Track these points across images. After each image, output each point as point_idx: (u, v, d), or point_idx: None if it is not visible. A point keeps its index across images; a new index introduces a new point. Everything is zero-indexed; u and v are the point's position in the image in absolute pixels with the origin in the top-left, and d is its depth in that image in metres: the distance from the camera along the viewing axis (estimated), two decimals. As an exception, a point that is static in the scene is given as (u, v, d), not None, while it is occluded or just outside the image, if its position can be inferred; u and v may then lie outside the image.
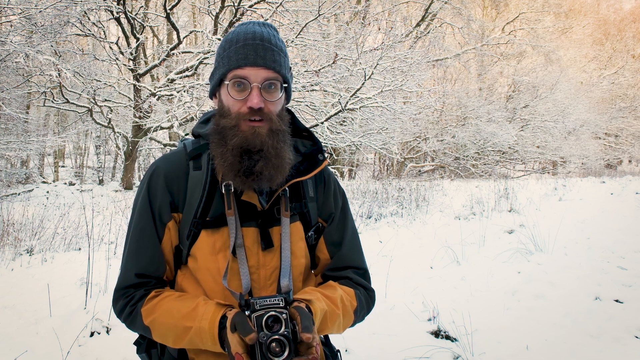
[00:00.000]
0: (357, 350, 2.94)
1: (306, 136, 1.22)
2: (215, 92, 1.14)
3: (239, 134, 1.03)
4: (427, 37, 18.06)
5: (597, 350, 2.98)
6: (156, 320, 1.03)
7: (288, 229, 1.11)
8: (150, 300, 1.07)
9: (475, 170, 20.95)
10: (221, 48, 1.10)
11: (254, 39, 1.05)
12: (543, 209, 9.15)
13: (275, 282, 1.09)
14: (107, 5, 10.90)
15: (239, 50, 1.05)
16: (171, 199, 1.10)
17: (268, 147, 1.04)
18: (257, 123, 1.04)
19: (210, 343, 0.96)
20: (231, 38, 1.09)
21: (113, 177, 19.97)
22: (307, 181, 1.20)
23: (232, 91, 1.05)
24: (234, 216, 1.06)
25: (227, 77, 1.06)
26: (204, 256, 1.07)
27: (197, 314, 0.99)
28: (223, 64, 1.08)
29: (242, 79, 1.04)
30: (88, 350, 2.89)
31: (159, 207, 1.10)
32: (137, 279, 1.08)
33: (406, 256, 5.59)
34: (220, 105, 1.10)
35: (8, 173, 14.81)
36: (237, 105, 1.05)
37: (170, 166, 1.12)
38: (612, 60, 30.61)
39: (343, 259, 1.21)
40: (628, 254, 5.23)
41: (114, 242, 5.99)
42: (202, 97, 11.08)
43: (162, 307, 1.04)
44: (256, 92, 1.03)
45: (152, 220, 1.10)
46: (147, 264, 1.09)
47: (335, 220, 1.23)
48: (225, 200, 1.07)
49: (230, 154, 1.04)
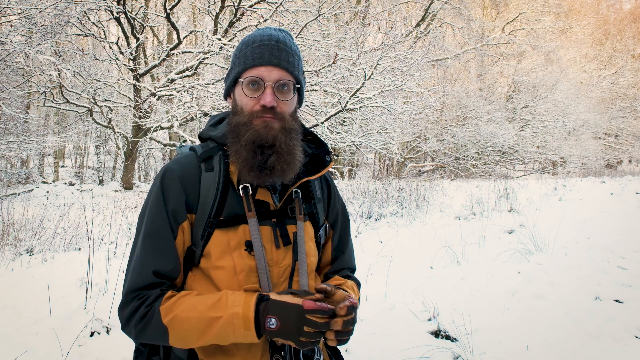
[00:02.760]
0: (357, 350, 2.94)
1: (311, 139, 1.26)
2: (229, 93, 1.18)
3: (252, 128, 1.07)
4: (427, 37, 18.06)
5: (597, 350, 2.98)
6: (178, 316, 1.00)
7: (303, 230, 1.15)
8: (168, 299, 1.05)
9: (475, 170, 20.95)
10: (237, 49, 1.15)
11: (270, 40, 1.10)
12: (543, 209, 9.15)
13: (287, 280, 1.12)
14: (107, 5, 10.89)
15: (255, 50, 1.09)
16: (186, 199, 1.10)
17: (280, 142, 1.07)
18: (270, 118, 1.07)
19: (243, 329, 0.96)
20: (248, 40, 1.13)
21: (113, 177, 19.98)
22: (315, 182, 1.24)
23: (247, 90, 1.09)
24: (254, 217, 1.09)
25: (242, 76, 1.10)
26: (217, 255, 1.08)
27: (226, 303, 0.99)
28: (239, 63, 1.12)
29: (257, 78, 1.07)
30: (88, 350, 2.89)
31: (173, 208, 1.09)
32: (155, 279, 1.05)
33: (406, 256, 5.59)
34: (234, 105, 1.14)
35: (8, 173, 14.82)
36: (250, 104, 1.09)
37: (183, 168, 1.13)
38: (612, 60, 30.61)
39: (343, 262, 1.31)
40: (628, 254, 5.23)
41: (114, 242, 5.99)
42: (202, 97, 11.08)
43: (183, 303, 1.02)
44: (269, 91, 1.07)
45: (167, 220, 1.09)
46: (166, 263, 1.07)
47: (341, 225, 1.31)
48: (244, 202, 1.10)
49: (244, 149, 1.07)
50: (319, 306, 0.95)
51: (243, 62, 1.10)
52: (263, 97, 1.07)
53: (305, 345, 0.95)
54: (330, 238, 1.29)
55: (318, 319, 0.95)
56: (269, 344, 1.07)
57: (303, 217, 1.17)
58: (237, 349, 1.06)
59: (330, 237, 1.29)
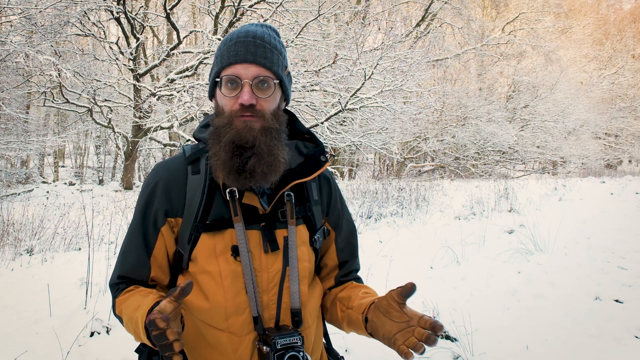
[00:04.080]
0: (358, 350, 2.94)
1: (308, 138, 1.21)
2: (213, 94, 1.14)
3: (232, 129, 1.03)
4: (427, 37, 18.04)
5: (597, 350, 2.98)
6: (122, 311, 1.07)
7: (294, 235, 1.11)
8: (125, 292, 1.10)
9: (475, 170, 20.95)
10: (217, 49, 1.12)
11: (247, 36, 1.06)
12: (543, 209, 9.15)
13: (276, 286, 1.09)
14: (107, 5, 10.89)
15: (230, 48, 1.06)
16: (168, 204, 1.10)
17: (260, 143, 1.03)
18: (250, 118, 1.04)
19: (142, 334, 0.93)
20: (226, 38, 1.10)
21: (113, 177, 19.98)
22: (311, 184, 1.19)
23: (225, 89, 1.06)
24: (241, 222, 1.06)
25: (220, 76, 1.07)
26: (204, 259, 1.07)
27: (140, 307, 0.98)
28: (216, 63, 1.09)
29: (233, 76, 1.04)
30: (88, 350, 2.89)
31: (154, 213, 1.10)
32: (119, 280, 1.13)
33: (406, 256, 5.59)
34: (216, 105, 1.11)
35: (8, 173, 14.82)
36: (229, 103, 1.05)
37: (168, 171, 1.12)
38: (612, 60, 30.60)
39: (352, 265, 1.28)
40: (628, 254, 5.23)
41: (114, 242, 5.98)
42: (202, 97, 11.07)
43: (129, 299, 1.07)
44: (247, 88, 1.03)
45: (142, 226, 1.11)
46: (131, 269, 1.12)
47: (345, 228, 1.26)
48: (231, 206, 1.07)
49: (223, 150, 1.03)
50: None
51: (220, 61, 1.07)
52: (241, 95, 1.03)
53: (162, 350, 0.84)
54: (333, 240, 1.24)
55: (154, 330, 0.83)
56: (257, 350, 1.05)
57: (295, 221, 1.12)
58: (222, 355, 1.06)
59: (333, 240, 1.24)
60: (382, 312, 1.01)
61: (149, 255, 1.11)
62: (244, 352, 1.05)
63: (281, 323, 1.08)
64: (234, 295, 1.05)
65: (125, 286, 1.11)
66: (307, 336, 1.12)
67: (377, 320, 1.03)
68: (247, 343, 1.05)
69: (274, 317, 1.08)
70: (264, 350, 1.01)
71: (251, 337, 1.06)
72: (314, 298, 1.17)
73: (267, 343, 1.01)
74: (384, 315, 1.01)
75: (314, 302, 1.17)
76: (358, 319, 1.11)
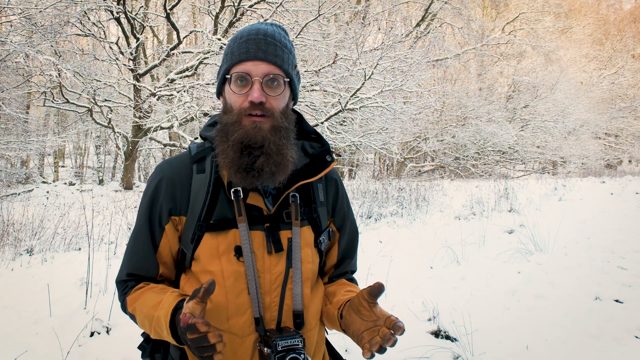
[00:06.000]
0: (357, 350, 2.94)
1: (314, 138, 1.20)
2: (221, 91, 1.13)
3: (241, 129, 1.02)
4: (427, 37, 18.03)
5: (597, 350, 2.98)
6: (136, 309, 1.07)
7: (299, 236, 1.10)
8: (136, 290, 1.11)
9: (475, 170, 20.94)
10: (227, 46, 1.11)
11: (257, 34, 1.05)
12: (543, 209, 9.15)
13: (279, 287, 1.08)
14: (107, 5, 10.88)
15: (241, 45, 1.05)
16: (172, 202, 1.10)
17: (269, 143, 1.02)
18: (259, 118, 1.02)
19: (166, 332, 0.96)
20: (236, 36, 1.09)
21: (113, 177, 19.98)
22: (317, 184, 1.18)
23: (234, 86, 1.04)
24: (245, 222, 1.06)
25: (230, 73, 1.06)
26: (207, 259, 1.07)
27: (161, 304, 1.00)
28: (226, 60, 1.08)
29: (243, 73, 1.03)
30: (88, 350, 2.89)
31: (159, 211, 1.10)
32: (128, 277, 1.13)
33: (406, 256, 5.59)
34: (224, 103, 1.10)
35: (8, 173, 14.81)
36: (239, 101, 1.04)
37: (173, 170, 1.12)
38: (612, 60, 30.59)
39: (349, 266, 1.28)
40: (628, 254, 5.23)
41: (114, 242, 5.98)
42: (202, 97, 11.07)
43: (142, 296, 1.08)
44: (257, 86, 1.02)
45: (148, 223, 1.11)
46: (139, 266, 1.12)
47: (348, 229, 1.26)
48: (235, 207, 1.06)
49: (231, 149, 1.02)
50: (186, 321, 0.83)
51: (230, 58, 1.06)
52: (251, 92, 1.02)
53: (200, 352, 0.85)
54: (337, 241, 1.24)
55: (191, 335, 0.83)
56: (258, 351, 1.05)
57: (300, 222, 1.11)
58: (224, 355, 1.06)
59: (337, 241, 1.24)
60: (354, 310, 1.03)
61: (156, 252, 1.12)
62: (245, 353, 1.05)
63: (283, 325, 1.08)
64: (235, 296, 1.05)
65: (135, 283, 1.12)
66: (309, 338, 1.11)
67: (349, 317, 1.04)
68: (247, 344, 1.05)
69: (276, 318, 1.07)
70: (264, 352, 1.01)
71: (252, 338, 1.05)
72: (316, 300, 1.16)
73: (268, 344, 1.00)
74: (355, 313, 1.02)
75: (316, 304, 1.16)
76: (334, 314, 1.13)
